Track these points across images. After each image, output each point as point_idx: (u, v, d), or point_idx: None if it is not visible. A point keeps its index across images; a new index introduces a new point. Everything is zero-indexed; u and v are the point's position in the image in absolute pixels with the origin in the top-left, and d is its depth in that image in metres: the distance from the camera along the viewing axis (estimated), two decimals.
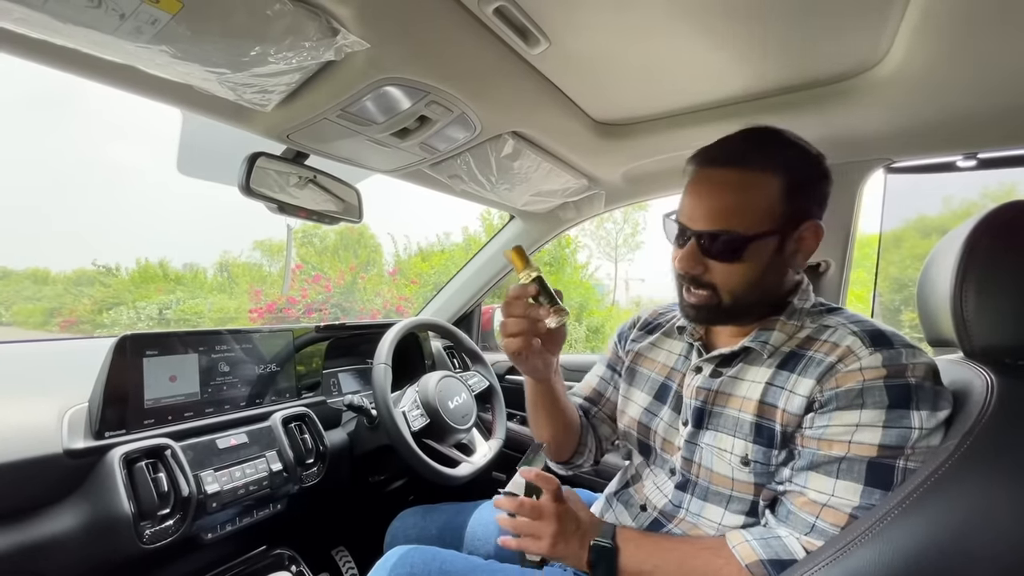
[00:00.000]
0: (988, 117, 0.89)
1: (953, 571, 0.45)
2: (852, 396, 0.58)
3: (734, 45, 0.77)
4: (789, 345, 0.67)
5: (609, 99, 0.96)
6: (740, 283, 0.66)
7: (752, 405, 0.66)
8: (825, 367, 0.61)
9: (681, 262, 0.67)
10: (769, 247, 0.65)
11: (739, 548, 0.60)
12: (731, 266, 0.65)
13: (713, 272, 0.66)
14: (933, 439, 0.55)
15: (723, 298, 0.67)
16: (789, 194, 0.64)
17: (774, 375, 0.66)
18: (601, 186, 1.37)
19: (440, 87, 0.79)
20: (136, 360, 0.92)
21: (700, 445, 0.70)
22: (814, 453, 0.60)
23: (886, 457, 0.56)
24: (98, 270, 8.99)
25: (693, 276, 0.68)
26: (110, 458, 0.82)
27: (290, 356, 1.21)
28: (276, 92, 0.73)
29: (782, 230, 0.65)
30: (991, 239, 0.57)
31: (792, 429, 0.63)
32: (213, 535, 0.93)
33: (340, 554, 1.40)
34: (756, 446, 0.65)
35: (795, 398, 0.63)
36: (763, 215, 0.64)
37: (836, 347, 0.62)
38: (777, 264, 0.67)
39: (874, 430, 0.56)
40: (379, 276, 9.04)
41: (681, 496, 0.73)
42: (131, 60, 0.61)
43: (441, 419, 1.17)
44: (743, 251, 0.64)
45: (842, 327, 0.64)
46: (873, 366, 0.58)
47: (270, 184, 0.96)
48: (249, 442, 1.01)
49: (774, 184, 0.63)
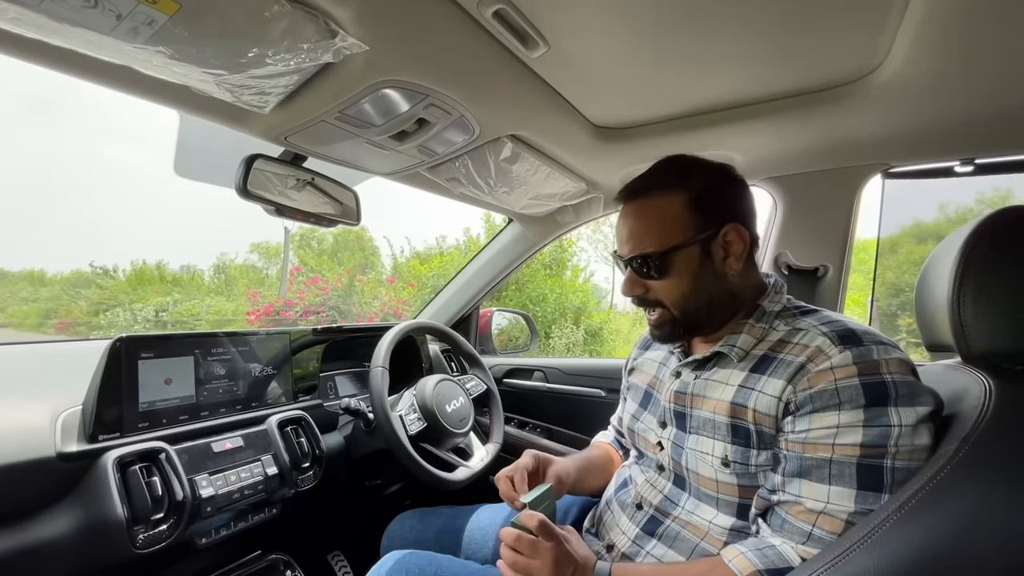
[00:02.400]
0: (986, 122, 0.89)
1: (953, 574, 0.44)
2: (827, 397, 0.59)
3: (733, 50, 0.77)
4: (760, 348, 0.70)
5: (608, 103, 0.96)
6: (679, 294, 0.72)
7: (725, 407, 0.68)
8: (795, 368, 0.63)
9: (624, 287, 0.77)
10: (693, 256, 0.71)
11: (736, 561, 0.60)
12: (663, 281, 0.72)
13: (654, 290, 0.74)
14: (917, 437, 0.55)
15: (674, 312, 0.73)
16: (695, 205, 0.71)
17: (746, 378, 0.68)
18: (600, 190, 1.37)
19: (439, 90, 0.79)
20: (131, 363, 0.91)
21: (685, 449, 0.73)
22: (801, 458, 0.60)
23: (872, 457, 0.56)
24: (95, 272, 8.96)
25: (640, 298, 0.76)
26: (104, 462, 0.81)
27: (287, 359, 1.20)
28: (274, 94, 0.73)
29: (699, 239, 0.71)
30: (988, 244, 0.57)
31: (767, 429, 0.64)
32: (207, 540, 0.92)
33: (336, 559, 1.39)
34: (735, 447, 0.66)
35: (764, 397, 0.64)
36: (672, 230, 0.71)
37: (806, 348, 0.64)
38: (709, 270, 0.72)
39: (855, 430, 0.57)
40: (377, 279, 9.03)
41: (678, 494, 0.75)
42: (128, 61, 0.60)
43: (438, 423, 1.16)
44: (666, 265, 0.71)
45: (813, 328, 0.66)
46: (843, 364, 0.59)
47: (267, 186, 0.96)
48: (244, 446, 1.00)
49: (676, 200, 0.71)
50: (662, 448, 0.77)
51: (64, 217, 13.77)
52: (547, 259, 8.09)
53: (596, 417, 1.14)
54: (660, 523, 0.74)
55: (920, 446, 0.55)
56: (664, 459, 0.77)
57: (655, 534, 0.73)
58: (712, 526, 0.68)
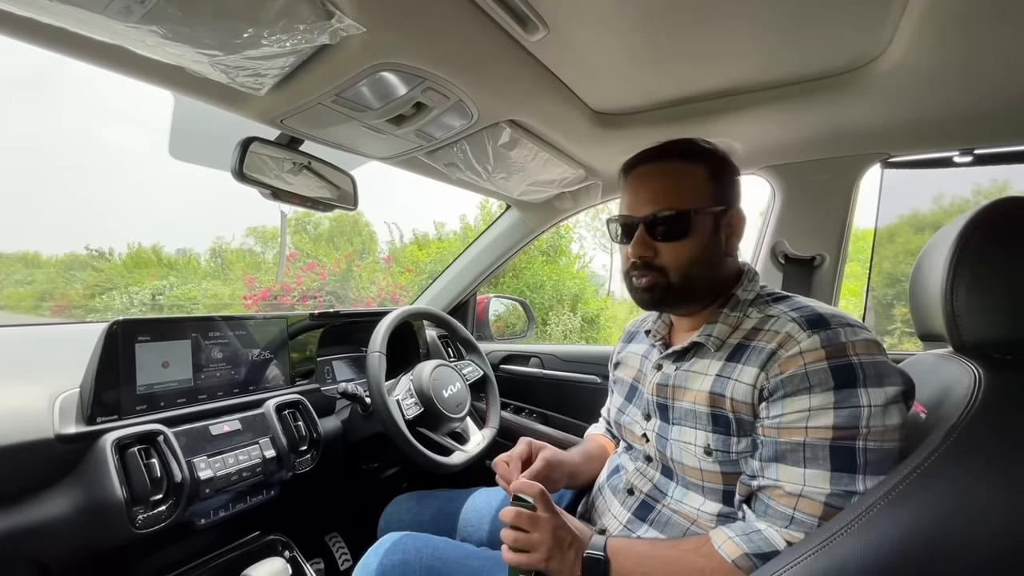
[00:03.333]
0: (986, 113, 0.89)
1: (938, 560, 0.45)
2: (798, 381, 0.60)
3: (735, 37, 0.76)
4: (735, 337, 0.71)
5: (607, 89, 0.95)
6: (686, 260, 0.73)
7: (704, 397, 0.70)
8: (767, 354, 0.64)
9: (634, 248, 0.74)
10: (708, 224, 0.73)
11: (724, 546, 0.61)
12: (678, 244, 0.72)
13: (662, 254, 0.73)
14: (888, 417, 0.57)
15: (672, 278, 0.73)
16: (714, 178, 0.74)
17: (723, 367, 0.70)
18: (598, 176, 1.36)
19: (437, 73, 0.78)
20: (128, 346, 0.91)
21: (669, 440, 0.74)
22: (776, 442, 0.61)
23: (844, 439, 0.57)
24: (90, 254, 8.90)
25: (645, 261, 0.74)
26: (102, 444, 0.82)
27: (284, 343, 1.20)
28: (270, 76, 0.72)
29: (715, 210, 0.73)
30: (984, 235, 0.57)
31: (745, 416, 0.65)
32: (206, 521, 0.93)
33: (333, 540, 1.41)
34: (716, 435, 0.68)
35: (740, 386, 0.66)
36: (697, 193, 0.73)
37: (776, 334, 0.65)
38: (717, 244, 0.74)
39: (826, 413, 0.58)
40: (374, 264, 9.00)
41: (667, 483, 0.76)
42: (120, 40, 0.59)
43: (435, 408, 1.17)
44: (688, 225, 0.72)
45: (783, 315, 0.67)
46: (812, 348, 0.61)
47: (264, 170, 0.95)
48: (242, 429, 1.00)
49: (699, 170, 0.74)
50: (647, 440, 0.79)
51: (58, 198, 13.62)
52: (544, 246, 8.08)
53: (591, 403, 1.16)
54: (651, 508, 0.75)
55: (891, 426, 0.56)
56: (651, 450, 0.78)
57: (646, 519, 0.75)
58: (700, 513, 0.70)
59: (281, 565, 0.96)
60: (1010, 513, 0.45)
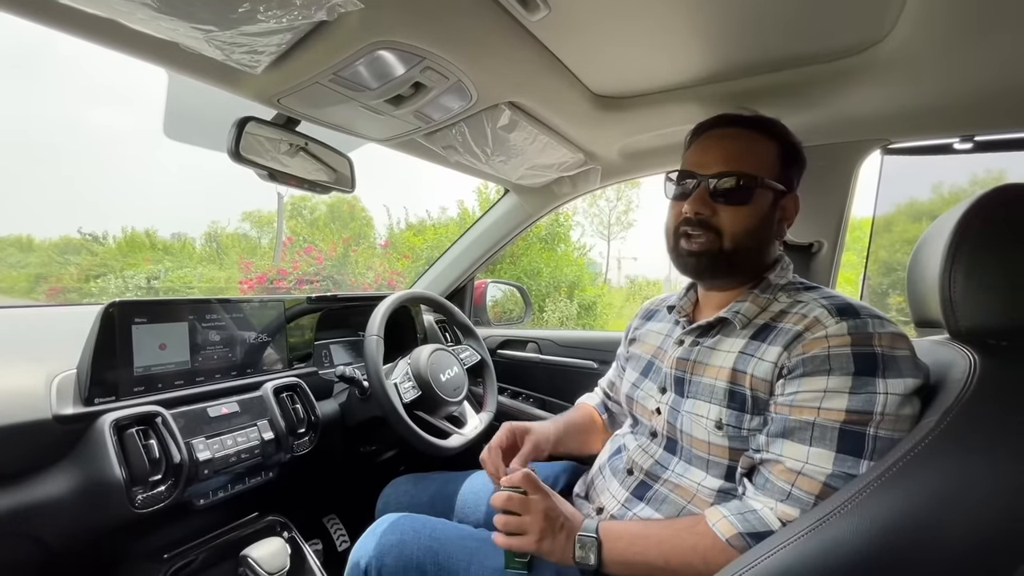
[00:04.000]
0: (988, 99, 0.88)
1: (929, 541, 0.46)
2: (819, 362, 0.61)
3: (737, 19, 0.75)
4: (763, 318, 0.72)
5: (608, 71, 0.94)
6: (743, 227, 0.72)
7: (726, 372, 0.70)
8: (792, 335, 0.65)
9: (692, 203, 0.73)
10: (769, 199, 0.73)
11: (719, 525, 0.62)
12: (738, 209, 0.72)
13: (720, 216, 0.72)
14: (903, 408, 0.57)
15: (725, 243, 0.73)
16: (783, 159, 0.74)
17: (747, 345, 0.70)
18: (597, 161, 1.35)
19: (436, 52, 0.77)
20: (125, 327, 0.90)
21: (681, 412, 0.74)
22: (786, 419, 0.62)
23: (855, 423, 0.58)
24: (84, 238, 8.83)
25: (701, 219, 0.73)
26: (100, 424, 0.82)
27: (281, 327, 1.20)
28: (266, 53, 0.71)
29: (778, 187, 0.73)
30: (982, 222, 0.57)
31: (762, 394, 0.66)
32: (205, 501, 0.94)
33: (331, 521, 1.42)
34: (729, 411, 0.68)
35: (763, 364, 0.66)
36: (767, 165, 0.73)
37: (804, 318, 0.66)
38: (771, 223, 0.74)
39: (841, 396, 0.59)
40: (371, 249, 8.97)
41: (669, 458, 0.77)
42: (112, 14, 0.58)
43: (433, 391, 1.18)
44: (752, 193, 0.72)
45: (813, 301, 0.68)
46: (838, 334, 0.61)
47: (260, 151, 0.94)
48: (240, 411, 1.01)
49: (772, 146, 0.74)
50: (659, 413, 0.79)
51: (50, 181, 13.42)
52: (543, 232, 8.06)
53: (588, 388, 1.16)
54: (649, 487, 0.76)
55: (904, 416, 0.57)
56: (659, 424, 0.79)
57: (643, 498, 0.76)
58: (700, 487, 0.71)
59: (280, 545, 0.97)
60: (1002, 497, 0.46)
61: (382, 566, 0.77)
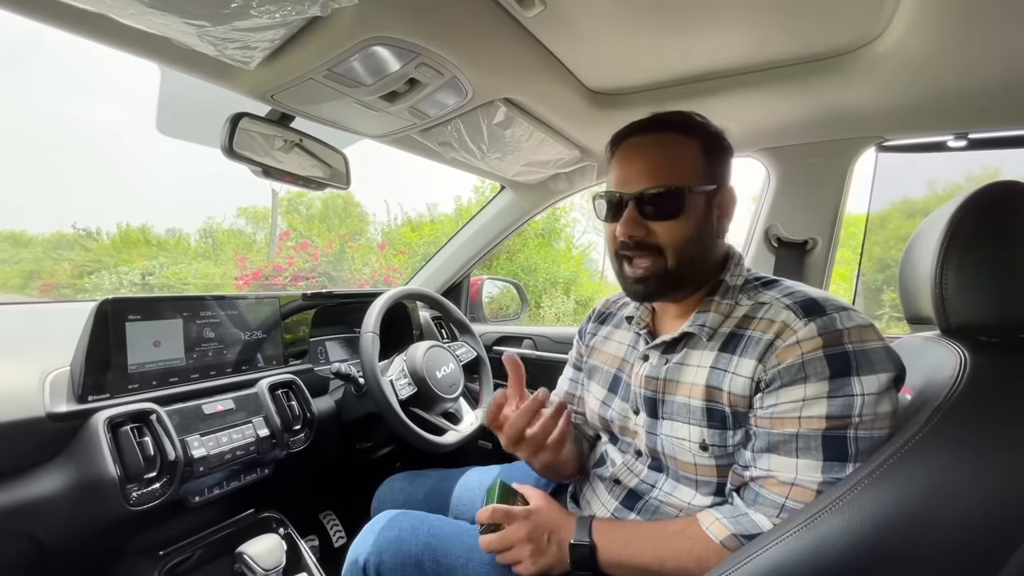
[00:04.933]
0: (982, 97, 0.89)
1: (920, 537, 0.47)
2: (794, 371, 0.60)
3: (733, 16, 0.75)
4: (727, 325, 0.69)
5: (604, 67, 0.94)
6: (683, 240, 0.69)
7: (700, 390, 0.67)
8: (764, 345, 0.63)
9: (624, 226, 0.70)
10: (702, 203, 0.70)
11: (712, 527, 0.62)
12: (673, 223, 0.68)
13: (656, 233, 0.69)
14: (880, 405, 0.56)
15: (668, 260, 0.69)
16: (707, 154, 0.70)
17: (717, 358, 0.68)
18: (593, 157, 1.35)
19: (431, 48, 0.77)
20: (118, 324, 0.90)
21: (659, 435, 0.72)
22: (769, 433, 0.61)
23: (836, 428, 0.57)
24: (77, 233, 8.76)
25: (637, 241, 0.70)
26: (94, 422, 0.82)
27: (277, 323, 1.20)
28: (259, 49, 0.70)
29: (707, 188, 0.70)
30: (974, 218, 0.57)
31: (742, 409, 0.65)
32: (201, 498, 0.94)
33: (328, 518, 1.42)
34: (711, 430, 0.66)
35: (738, 379, 0.65)
36: (692, 169, 0.69)
37: (772, 323, 0.64)
38: (708, 224, 0.71)
39: (820, 402, 0.58)
40: (367, 246, 8.94)
41: (656, 476, 0.75)
42: (103, 8, 0.57)
43: (428, 388, 1.18)
44: (683, 203, 0.68)
45: (776, 302, 0.66)
46: (809, 337, 0.60)
47: (254, 147, 0.93)
48: (236, 408, 1.01)
49: (693, 144, 0.70)
50: (638, 435, 0.76)
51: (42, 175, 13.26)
52: (539, 228, 8.04)
53: None
54: (639, 498, 0.75)
55: (882, 413, 0.57)
56: (641, 444, 0.76)
57: (634, 508, 0.75)
58: (691, 506, 0.70)
59: (276, 541, 0.97)
60: (992, 492, 0.46)
61: (380, 562, 0.77)
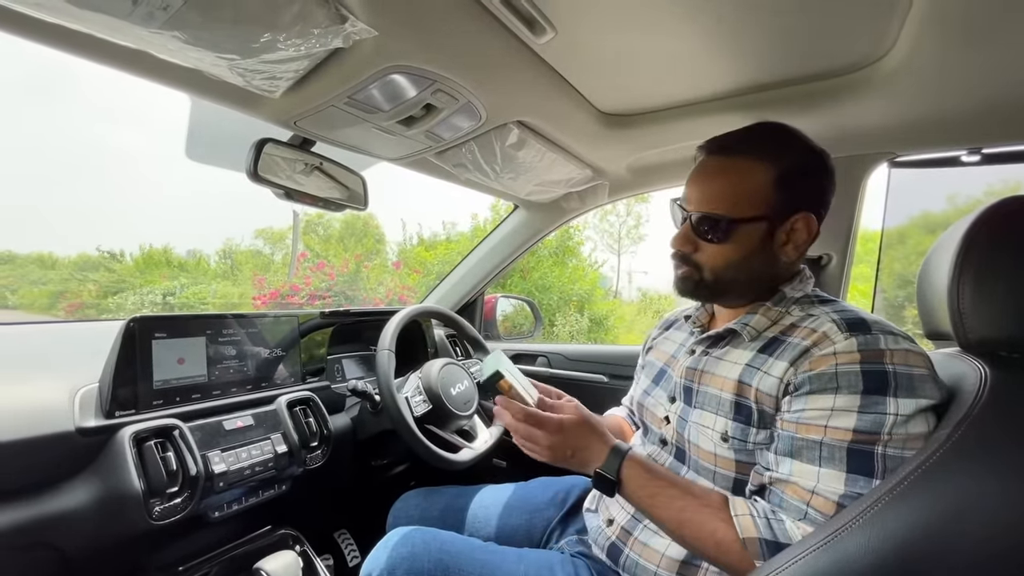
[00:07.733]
0: (994, 112, 0.89)
1: (941, 555, 0.46)
2: (826, 380, 0.59)
3: (742, 37, 0.77)
4: (772, 331, 0.71)
5: (615, 90, 0.96)
6: (723, 264, 0.72)
7: (731, 384, 0.69)
8: (799, 351, 0.64)
9: (673, 240, 0.76)
10: (758, 232, 0.70)
11: (742, 520, 0.60)
12: (718, 247, 0.71)
13: (701, 252, 0.73)
14: (913, 426, 0.55)
15: (705, 276, 0.74)
16: (780, 183, 0.68)
17: (754, 357, 0.69)
18: (605, 177, 1.37)
19: (446, 75, 0.80)
20: (145, 342, 0.93)
21: (689, 422, 0.74)
22: (793, 437, 0.61)
23: (863, 443, 0.56)
24: (102, 255, 9.04)
25: (682, 254, 0.75)
26: (120, 437, 0.84)
27: (295, 341, 1.22)
28: (284, 78, 0.74)
29: (771, 217, 0.69)
30: (990, 233, 0.57)
31: (768, 408, 0.65)
32: (220, 514, 0.95)
33: (342, 536, 1.42)
34: (735, 423, 0.68)
35: (768, 378, 0.66)
36: (751, 201, 0.69)
37: (813, 332, 0.65)
38: (767, 251, 0.71)
39: (848, 415, 0.57)
40: (383, 265, 9.06)
41: (678, 467, 0.77)
42: (143, 45, 0.61)
43: (443, 405, 1.18)
44: (730, 233, 0.70)
45: (824, 315, 0.66)
46: (847, 351, 0.60)
47: (276, 170, 0.97)
48: (255, 424, 1.02)
49: (762, 171, 0.69)
50: (668, 422, 0.79)
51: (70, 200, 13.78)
52: (553, 246, 8.08)
53: (599, 402, 1.16)
54: None
55: (915, 435, 0.55)
56: (668, 433, 0.79)
57: None
58: None
59: (292, 559, 0.98)
60: (1014, 510, 0.45)
61: None
